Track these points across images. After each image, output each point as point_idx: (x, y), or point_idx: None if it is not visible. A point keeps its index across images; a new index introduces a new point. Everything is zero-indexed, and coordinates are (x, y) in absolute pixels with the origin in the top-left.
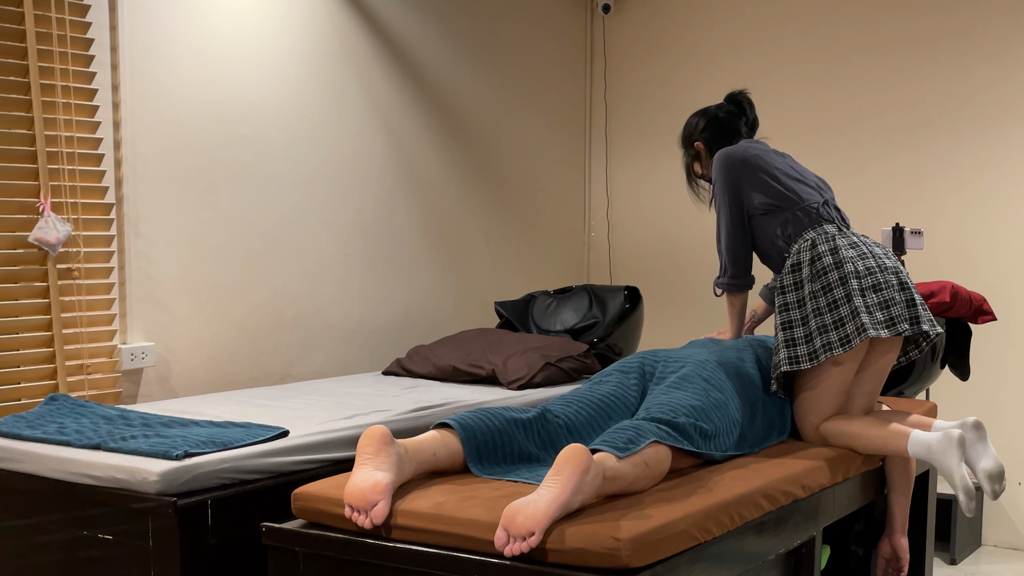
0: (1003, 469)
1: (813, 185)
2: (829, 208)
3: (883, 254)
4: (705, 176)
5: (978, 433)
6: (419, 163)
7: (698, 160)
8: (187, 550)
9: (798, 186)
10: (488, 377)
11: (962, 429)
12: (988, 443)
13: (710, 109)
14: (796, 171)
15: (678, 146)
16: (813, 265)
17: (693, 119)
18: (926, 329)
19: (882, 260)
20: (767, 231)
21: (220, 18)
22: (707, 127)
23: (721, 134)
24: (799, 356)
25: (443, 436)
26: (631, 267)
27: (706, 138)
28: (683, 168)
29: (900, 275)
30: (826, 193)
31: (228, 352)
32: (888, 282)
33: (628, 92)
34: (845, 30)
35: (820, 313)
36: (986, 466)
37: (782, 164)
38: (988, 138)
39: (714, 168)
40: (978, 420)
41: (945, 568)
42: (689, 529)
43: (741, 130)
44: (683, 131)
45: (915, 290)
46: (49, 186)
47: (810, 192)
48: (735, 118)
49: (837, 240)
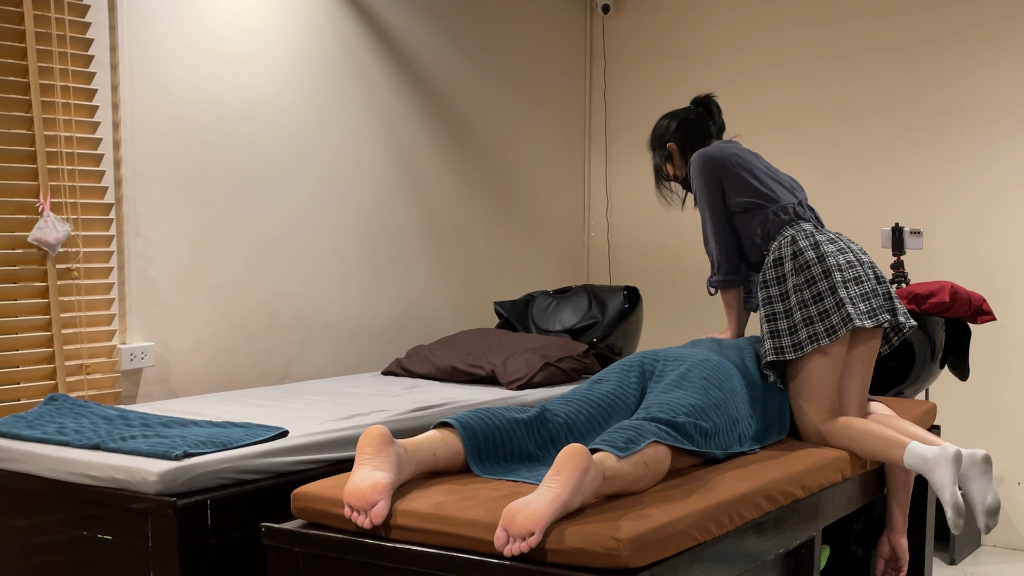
0: (1000, 506)
1: (787, 185)
2: (804, 208)
3: (859, 250)
4: (677, 177)
5: (985, 467)
6: (418, 163)
7: (670, 161)
8: (187, 550)
9: (775, 185)
10: (487, 377)
11: (969, 457)
12: (992, 479)
13: (679, 112)
14: (771, 171)
15: (646, 149)
16: (796, 260)
17: (663, 121)
18: (901, 320)
19: (859, 255)
20: (746, 229)
21: (220, 18)
22: (678, 128)
23: (693, 135)
24: (783, 347)
25: (443, 435)
26: (630, 267)
27: (678, 139)
28: (652, 170)
29: (875, 269)
30: (799, 193)
31: (228, 352)
32: (867, 275)
33: (628, 92)
34: (844, 30)
35: (805, 305)
36: (988, 501)
37: (759, 163)
38: (988, 138)
39: (693, 169)
40: (987, 454)
41: (945, 568)
42: (689, 529)
43: (711, 131)
44: (653, 133)
45: (889, 284)
46: (48, 186)
47: (785, 192)
48: (704, 120)
49: (817, 236)
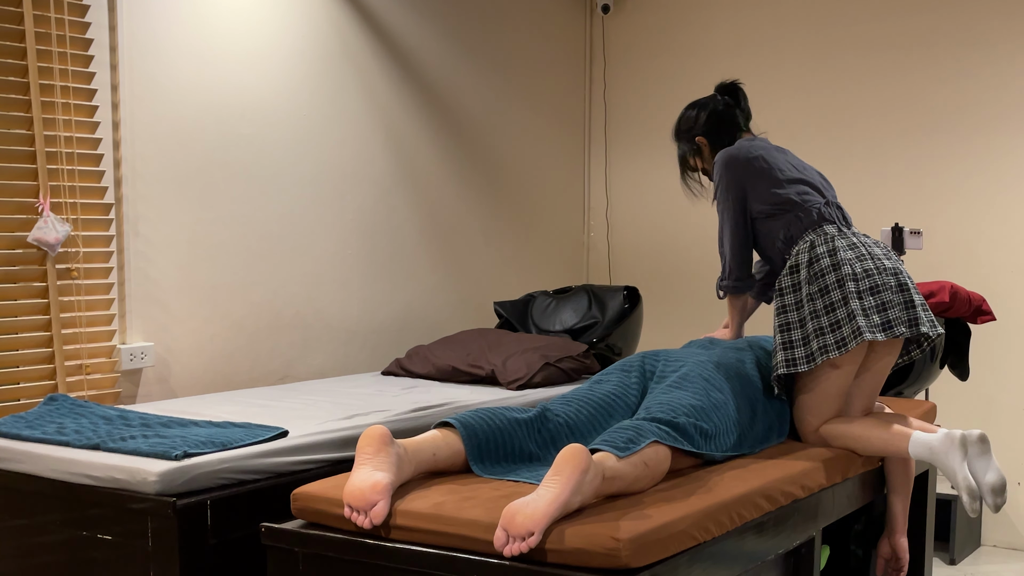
0: (1005, 482)
1: (816, 184)
2: (831, 208)
3: (882, 254)
4: (707, 171)
5: (982, 446)
6: (418, 163)
7: (699, 155)
8: (186, 550)
9: (801, 187)
10: (487, 377)
11: (967, 438)
12: (992, 456)
13: (707, 102)
14: (798, 169)
15: (672, 139)
16: (811, 267)
17: (691, 112)
18: (924, 331)
19: (881, 261)
20: (769, 234)
21: (220, 18)
22: (708, 120)
23: (722, 127)
24: (796, 359)
25: (444, 435)
26: (630, 267)
27: (707, 131)
28: (677, 161)
29: (899, 276)
30: (828, 192)
31: (227, 352)
32: (886, 284)
33: (627, 92)
34: (844, 30)
35: (817, 316)
36: (990, 479)
37: (784, 163)
38: (987, 138)
39: (716, 170)
40: (983, 433)
41: (944, 568)
42: (688, 529)
43: (739, 121)
44: (680, 124)
45: (915, 290)
46: (48, 186)
47: (811, 193)
48: (732, 109)
49: (836, 241)
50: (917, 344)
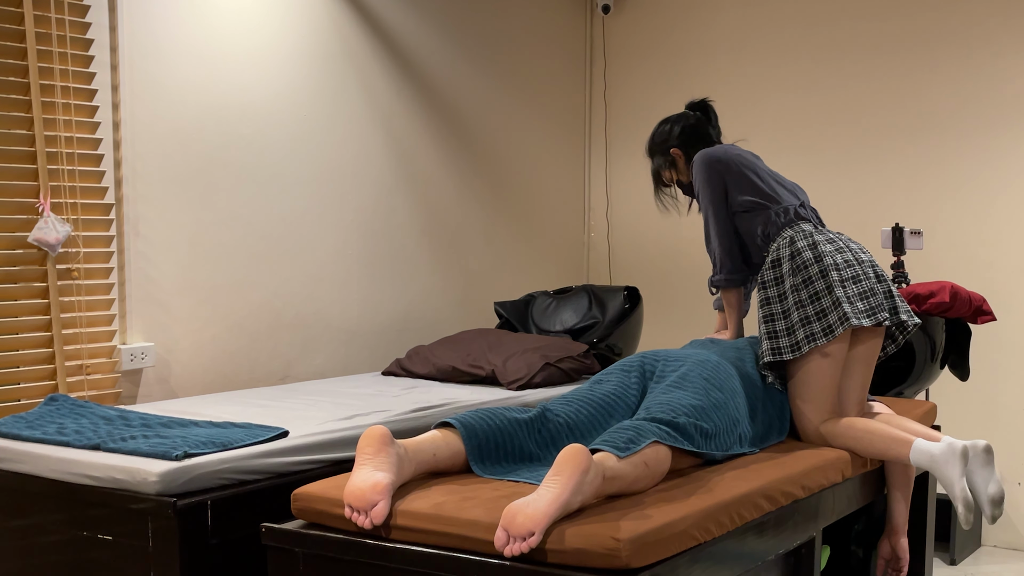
0: (1004, 495)
1: (789, 187)
2: (806, 209)
3: (858, 248)
4: (681, 182)
5: (986, 457)
6: (418, 163)
7: (673, 167)
8: (187, 551)
9: (777, 187)
10: (488, 377)
11: (971, 448)
12: (994, 468)
13: (679, 117)
14: (772, 173)
15: (645, 155)
16: (794, 260)
17: (664, 126)
18: (904, 319)
19: (858, 254)
20: (748, 230)
21: (220, 18)
22: (682, 133)
23: (696, 139)
24: (780, 348)
25: (444, 435)
26: (631, 267)
27: (681, 143)
28: (651, 177)
29: (876, 268)
30: (801, 195)
31: (228, 352)
32: (866, 274)
33: (628, 92)
34: (844, 30)
35: (802, 305)
36: (991, 491)
37: (760, 166)
38: (988, 138)
39: (696, 168)
40: (988, 444)
41: (945, 568)
42: (689, 529)
43: (711, 136)
44: (654, 139)
45: (891, 282)
46: (49, 186)
47: (786, 194)
48: (704, 124)
49: (815, 236)
50: (892, 339)
